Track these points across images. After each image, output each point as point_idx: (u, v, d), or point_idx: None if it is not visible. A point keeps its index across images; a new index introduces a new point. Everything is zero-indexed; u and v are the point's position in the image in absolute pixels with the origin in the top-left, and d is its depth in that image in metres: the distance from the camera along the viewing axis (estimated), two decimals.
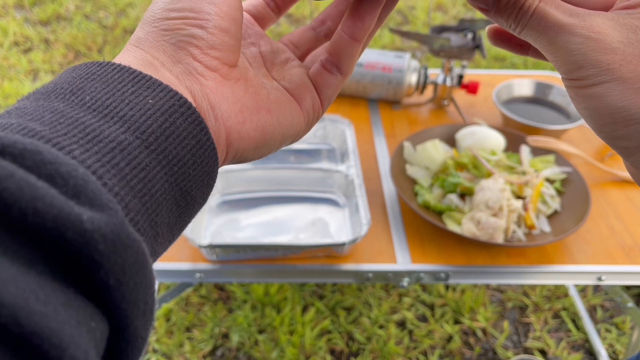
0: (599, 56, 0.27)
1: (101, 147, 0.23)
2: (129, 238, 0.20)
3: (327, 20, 0.37)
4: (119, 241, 0.20)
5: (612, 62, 0.27)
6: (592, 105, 0.28)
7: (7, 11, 2.66)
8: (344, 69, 0.34)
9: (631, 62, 0.27)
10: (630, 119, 0.27)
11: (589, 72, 0.27)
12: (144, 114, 0.25)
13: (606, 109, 0.27)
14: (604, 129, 0.28)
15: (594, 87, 0.27)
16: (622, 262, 0.84)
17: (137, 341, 0.22)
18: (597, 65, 0.27)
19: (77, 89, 0.25)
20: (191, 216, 0.28)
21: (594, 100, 0.28)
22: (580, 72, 0.28)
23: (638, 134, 0.27)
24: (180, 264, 0.81)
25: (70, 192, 0.20)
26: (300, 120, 0.33)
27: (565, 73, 0.29)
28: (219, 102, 0.28)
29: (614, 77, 0.27)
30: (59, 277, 0.19)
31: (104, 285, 0.20)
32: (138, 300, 0.21)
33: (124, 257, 0.20)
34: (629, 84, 0.27)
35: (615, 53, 0.27)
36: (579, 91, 0.28)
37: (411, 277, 0.82)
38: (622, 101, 0.27)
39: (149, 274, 0.22)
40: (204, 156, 0.27)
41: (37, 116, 0.23)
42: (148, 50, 0.28)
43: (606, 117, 0.28)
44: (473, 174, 0.92)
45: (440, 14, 2.73)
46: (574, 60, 0.27)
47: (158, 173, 0.24)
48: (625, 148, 0.28)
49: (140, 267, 0.21)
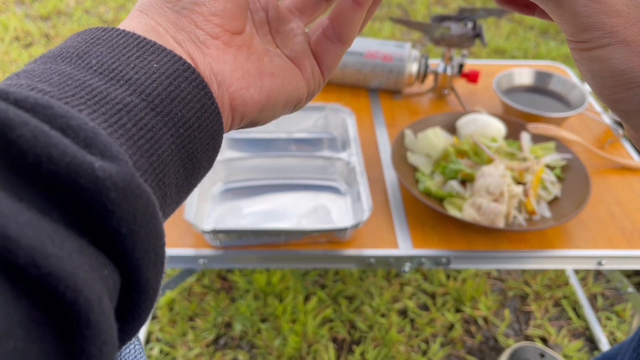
0: (604, 18, 0.27)
1: (108, 108, 0.23)
2: (140, 188, 0.21)
3: None
4: (129, 190, 0.20)
5: (617, 24, 0.27)
6: (595, 68, 0.28)
7: (8, 6, 2.66)
8: (344, 37, 0.34)
9: (635, 25, 0.27)
10: (631, 82, 0.27)
11: (594, 34, 0.27)
12: (149, 77, 0.25)
13: (609, 71, 0.28)
14: (605, 91, 0.29)
15: (598, 50, 0.28)
16: (622, 246, 0.84)
17: (149, 292, 0.22)
18: (602, 27, 0.27)
19: (83, 53, 0.25)
20: (198, 179, 0.29)
21: (598, 63, 0.28)
22: (586, 35, 0.28)
23: (638, 97, 0.28)
24: (183, 250, 0.82)
25: (81, 143, 0.20)
26: (303, 86, 0.34)
27: (571, 35, 0.29)
28: (221, 69, 0.29)
29: (618, 39, 0.27)
30: (72, 225, 0.20)
31: (116, 234, 0.20)
32: (149, 250, 0.21)
33: (134, 206, 0.20)
34: (632, 47, 0.27)
35: (619, 16, 0.27)
36: (583, 53, 0.29)
37: (413, 262, 0.83)
38: (624, 64, 0.27)
39: (159, 224, 0.22)
40: (208, 120, 0.27)
41: (45, 78, 0.23)
42: (152, 16, 0.29)
43: (608, 79, 0.28)
44: (474, 161, 0.92)
45: (440, 8, 2.73)
46: (580, 23, 0.28)
47: (164, 134, 0.25)
48: (625, 111, 0.29)
49: (151, 217, 0.21)
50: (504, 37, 2.44)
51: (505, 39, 2.43)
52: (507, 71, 1.18)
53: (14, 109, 0.19)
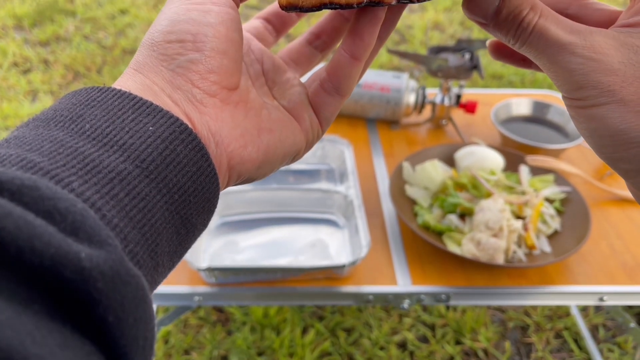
0: (600, 77, 0.26)
1: (100, 177, 0.23)
2: (128, 274, 0.20)
3: (322, 34, 0.37)
4: (118, 278, 0.20)
5: (613, 83, 0.26)
6: (593, 126, 0.28)
7: (7, 32, 2.67)
8: (342, 90, 0.33)
9: (632, 84, 0.26)
10: (631, 141, 0.27)
11: (590, 92, 0.27)
12: (144, 142, 0.25)
13: (607, 131, 0.27)
14: (604, 150, 0.28)
15: (594, 108, 0.27)
16: (624, 282, 0.83)
17: None
18: (598, 86, 0.26)
19: (76, 117, 0.25)
20: (191, 243, 0.28)
21: (595, 122, 0.27)
22: (581, 92, 0.27)
23: (639, 157, 0.27)
24: (178, 287, 0.81)
25: (68, 228, 0.20)
26: (301, 138, 0.33)
27: (566, 92, 0.28)
28: (219, 129, 0.28)
29: (615, 99, 0.26)
30: (56, 315, 0.19)
31: (102, 322, 0.19)
32: (138, 336, 0.21)
33: (123, 294, 0.20)
34: (630, 106, 0.26)
35: (616, 74, 0.26)
36: (579, 111, 0.28)
37: (412, 298, 0.82)
38: (623, 124, 0.26)
39: (148, 309, 0.21)
40: (205, 182, 0.27)
41: (36, 146, 0.23)
42: (147, 74, 0.28)
43: (607, 138, 0.27)
44: (472, 194, 0.91)
45: (438, 33, 2.75)
46: (575, 80, 0.27)
47: (158, 202, 0.24)
48: (625, 170, 0.28)
49: (140, 302, 0.21)
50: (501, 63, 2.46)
51: (502, 65, 2.44)
52: (504, 101, 1.18)
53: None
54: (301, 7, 0.29)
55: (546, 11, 0.28)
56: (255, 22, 0.37)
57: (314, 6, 0.28)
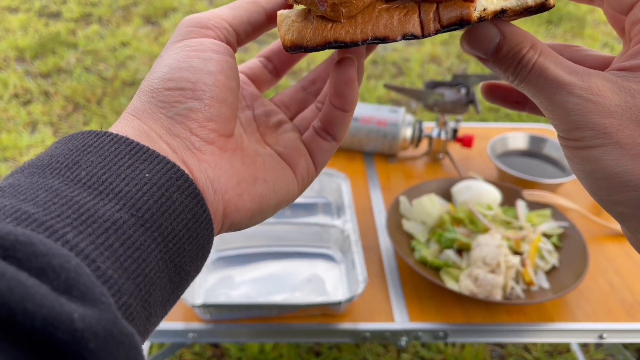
0: (597, 119, 0.26)
1: (95, 227, 0.23)
2: (122, 333, 0.20)
3: (317, 80, 0.37)
4: (110, 338, 0.20)
5: (610, 126, 0.26)
6: (588, 168, 0.28)
7: (8, 64, 2.70)
8: (337, 136, 0.34)
9: (628, 127, 0.26)
10: (626, 185, 0.26)
11: (586, 133, 0.27)
12: (140, 189, 0.25)
13: (602, 173, 0.27)
14: (598, 192, 0.28)
15: (590, 150, 0.27)
16: (623, 319, 0.82)
17: None
18: (595, 127, 0.26)
19: (72, 163, 0.25)
20: (184, 289, 0.28)
21: (590, 163, 0.27)
22: (577, 133, 0.27)
23: (633, 201, 0.27)
24: (173, 324, 0.80)
25: (62, 286, 0.20)
26: (295, 186, 0.33)
27: (562, 132, 0.28)
28: (217, 176, 0.28)
29: (611, 141, 0.26)
30: None
31: None
32: None
33: (115, 354, 0.20)
34: (626, 149, 0.26)
35: (613, 117, 0.26)
36: (574, 152, 0.28)
37: (409, 336, 0.81)
38: (618, 167, 0.26)
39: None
40: (199, 229, 0.27)
41: (31, 195, 0.23)
42: (145, 121, 0.28)
43: (602, 181, 0.27)
44: (470, 229, 0.91)
45: (435, 66, 2.79)
46: (572, 120, 0.27)
47: (153, 251, 0.24)
48: (620, 213, 0.28)
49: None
50: None
51: None
52: (501, 135, 1.18)
53: None
54: (305, 47, 0.29)
55: (546, 50, 0.28)
56: (254, 62, 0.38)
57: (319, 45, 0.28)
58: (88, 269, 0.21)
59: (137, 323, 0.23)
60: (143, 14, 3.27)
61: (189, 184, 0.26)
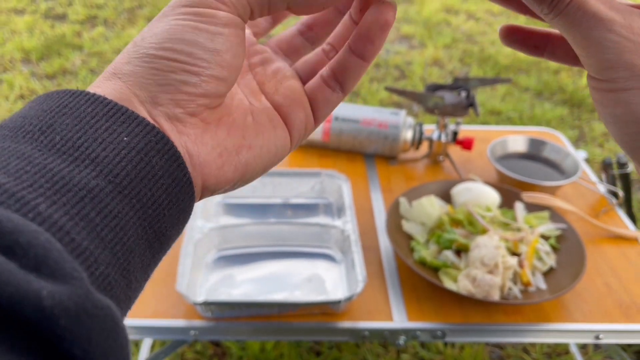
0: (634, 59, 0.25)
1: (70, 197, 0.22)
2: (96, 307, 0.20)
3: (314, 26, 0.35)
4: (83, 312, 0.19)
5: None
6: (618, 112, 0.27)
7: (14, 65, 2.73)
8: (347, 87, 0.32)
9: None
10: None
11: (620, 74, 0.26)
12: (118, 154, 0.23)
13: (632, 117, 0.26)
14: (626, 138, 0.27)
15: (622, 92, 0.26)
16: (620, 320, 0.83)
17: None
18: (631, 68, 0.25)
19: (46, 127, 0.23)
20: (165, 252, 0.27)
21: (621, 106, 0.26)
22: (611, 73, 0.26)
23: None
24: (174, 321, 0.81)
25: (30, 264, 0.19)
26: (286, 144, 0.31)
27: (594, 71, 0.27)
28: (197, 151, 0.27)
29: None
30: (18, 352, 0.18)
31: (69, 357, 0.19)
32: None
33: (89, 327, 0.19)
34: None
35: None
36: (605, 94, 0.27)
37: (407, 335, 0.82)
38: None
39: (120, 338, 0.21)
40: (180, 194, 0.26)
41: (2, 164, 0.22)
42: (129, 84, 0.26)
43: (631, 125, 0.26)
44: (468, 230, 0.92)
45: (437, 69, 2.80)
46: (607, 59, 0.26)
47: (131, 219, 0.23)
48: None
49: (110, 332, 0.20)
50: (500, 99, 2.49)
51: (501, 100, 2.47)
52: (501, 138, 1.20)
53: None
54: None
55: None
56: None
57: None
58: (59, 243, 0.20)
59: (116, 292, 0.23)
60: (148, 16, 3.29)
61: (169, 147, 0.25)
